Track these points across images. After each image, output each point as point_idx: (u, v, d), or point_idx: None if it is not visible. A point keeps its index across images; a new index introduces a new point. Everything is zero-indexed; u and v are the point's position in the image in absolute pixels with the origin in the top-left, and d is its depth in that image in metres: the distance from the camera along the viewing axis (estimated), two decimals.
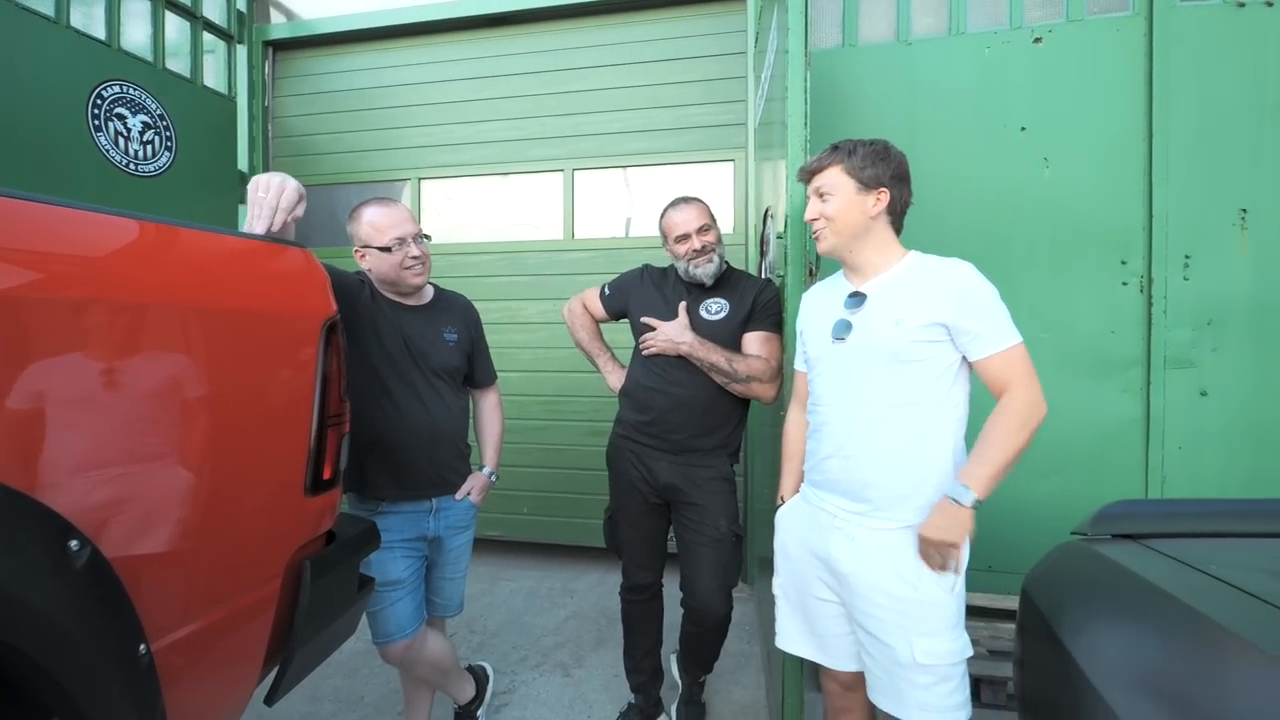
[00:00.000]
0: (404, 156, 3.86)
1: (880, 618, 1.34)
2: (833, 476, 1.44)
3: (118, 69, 3.03)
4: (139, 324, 0.93)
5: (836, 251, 1.46)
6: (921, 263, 1.43)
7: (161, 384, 0.96)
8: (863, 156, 1.41)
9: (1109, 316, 2.35)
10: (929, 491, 1.34)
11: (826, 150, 1.46)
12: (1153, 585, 1.00)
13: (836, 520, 1.43)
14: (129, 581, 0.90)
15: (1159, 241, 2.29)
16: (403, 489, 1.81)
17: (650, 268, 2.16)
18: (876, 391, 1.38)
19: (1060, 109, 2.44)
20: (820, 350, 1.50)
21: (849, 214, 1.42)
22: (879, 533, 1.37)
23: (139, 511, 0.92)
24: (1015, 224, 2.45)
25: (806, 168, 1.49)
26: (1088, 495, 2.35)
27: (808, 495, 1.55)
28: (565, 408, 3.68)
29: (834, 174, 1.43)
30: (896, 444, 1.36)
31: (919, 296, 1.36)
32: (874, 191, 1.41)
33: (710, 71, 3.49)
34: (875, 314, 1.40)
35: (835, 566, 1.42)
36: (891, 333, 1.35)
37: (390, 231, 1.74)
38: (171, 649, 0.98)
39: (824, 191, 1.43)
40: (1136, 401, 2.33)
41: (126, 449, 0.91)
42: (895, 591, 1.33)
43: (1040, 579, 1.29)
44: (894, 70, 2.61)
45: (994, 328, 1.31)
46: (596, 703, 2.37)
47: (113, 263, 0.93)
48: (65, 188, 2.78)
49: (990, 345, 1.31)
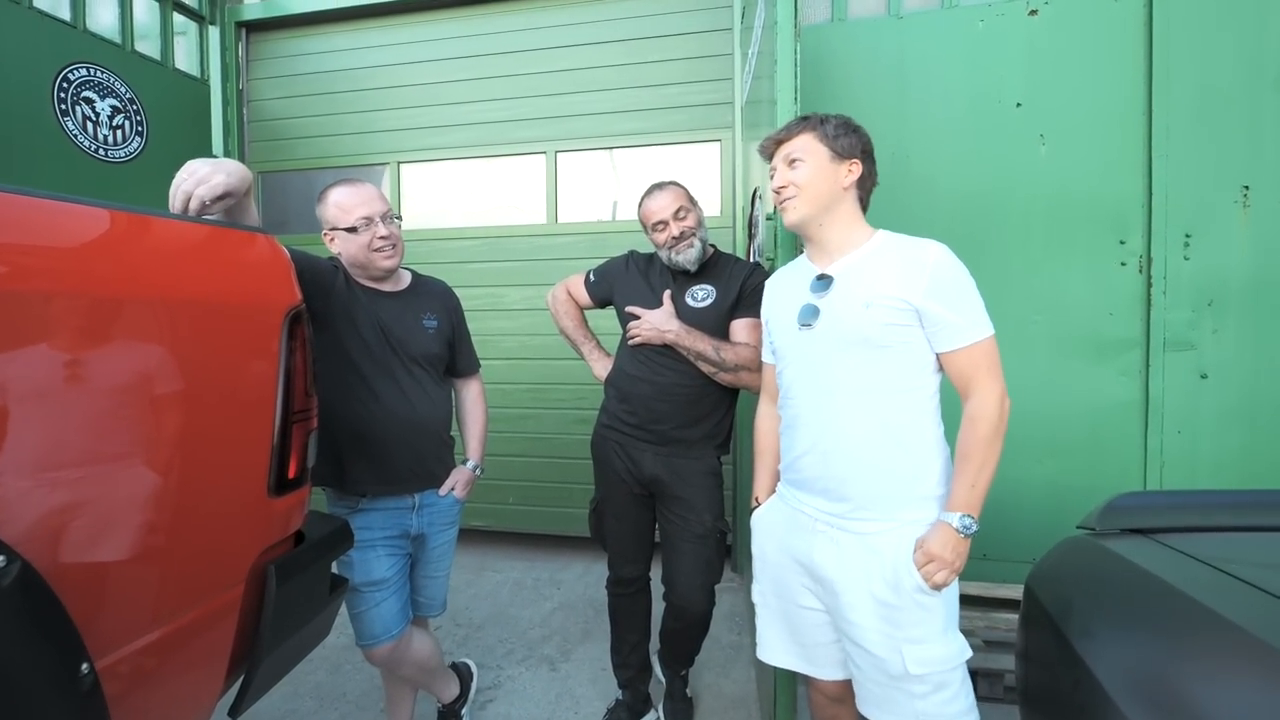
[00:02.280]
0: (382, 140, 3.75)
1: (866, 625, 1.26)
2: (809, 474, 1.36)
3: (84, 51, 2.91)
4: (72, 317, 0.86)
5: (805, 225, 1.37)
6: (892, 242, 1.34)
7: (100, 382, 0.88)
8: (835, 125, 1.35)
9: (1107, 297, 2.30)
10: (911, 486, 1.28)
11: (795, 120, 1.40)
12: (1169, 585, 0.95)
13: (818, 523, 1.34)
14: (68, 596, 0.83)
15: (1159, 220, 2.24)
16: (384, 483, 1.73)
17: (636, 254, 2.09)
18: (848, 380, 1.29)
19: (1057, 84, 2.37)
20: (787, 339, 1.42)
21: (821, 183, 1.33)
22: (863, 536, 1.28)
23: (78, 520, 0.85)
24: (1009, 203, 2.40)
25: (773, 137, 1.40)
26: (1084, 481, 2.32)
27: (785, 495, 1.46)
28: (551, 395, 3.61)
29: (805, 140, 1.35)
30: (873, 436, 1.28)
31: (889, 277, 1.27)
32: (847, 162, 1.34)
33: (696, 49, 3.39)
34: (843, 297, 1.31)
35: (818, 572, 1.34)
36: (862, 316, 1.27)
37: (356, 211, 1.66)
38: (119, 665, 0.91)
39: (794, 158, 1.35)
40: (1135, 384, 2.29)
41: (60, 453, 0.83)
42: (881, 597, 1.25)
43: (1046, 575, 1.24)
44: (885, 46, 2.54)
45: (965, 316, 1.24)
46: (584, 697, 2.33)
47: (39, 251, 0.85)
48: (29, 174, 2.67)
49: (960, 337, 1.24)
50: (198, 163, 1.20)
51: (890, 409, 1.28)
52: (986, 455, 1.22)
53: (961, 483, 1.23)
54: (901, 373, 1.27)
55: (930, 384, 1.29)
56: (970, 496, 1.22)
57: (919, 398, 1.28)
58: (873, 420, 1.28)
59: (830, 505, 1.32)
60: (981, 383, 1.24)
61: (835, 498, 1.31)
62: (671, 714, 2.14)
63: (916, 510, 1.28)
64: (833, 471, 1.31)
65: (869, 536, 1.27)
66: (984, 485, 1.22)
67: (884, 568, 1.25)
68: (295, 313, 1.23)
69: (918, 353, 1.27)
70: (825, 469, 1.32)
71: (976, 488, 1.22)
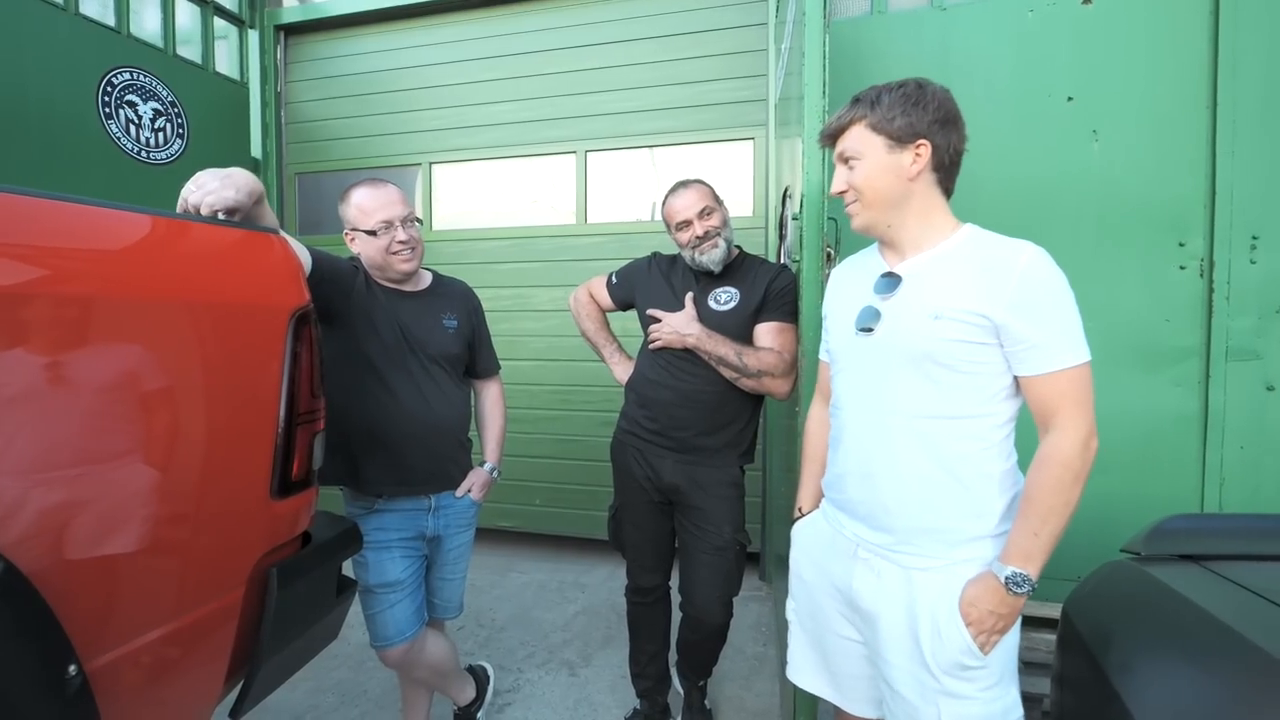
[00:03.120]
0: (415, 141, 3.78)
1: (902, 668, 1.12)
2: (851, 496, 1.22)
3: (128, 56, 3.00)
4: (73, 318, 0.85)
5: (874, 228, 1.19)
6: (978, 240, 1.14)
7: (92, 382, 0.87)
8: (889, 105, 1.12)
9: (1163, 303, 2.16)
10: (967, 524, 1.11)
11: (846, 105, 1.19)
12: (1216, 619, 0.86)
13: (859, 549, 1.20)
14: (55, 597, 0.82)
15: (1222, 221, 2.09)
16: (400, 484, 1.72)
17: (659, 255, 2.04)
18: (904, 400, 1.12)
19: (1111, 77, 2.24)
20: (843, 342, 1.25)
21: (881, 179, 1.14)
22: (908, 570, 1.13)
23: (65, 520, 0.84)
24: (1060, 202, 2.27)
25: (826, 129, 1.23)
26: (1135, 497, 2.18)
27: (827, 514, 1.31)
28: (578, 397, 3.58)
29: (858, 133, 1.16)
30: (927, 466, 1.11)
31: (967, 285, 1.07)
32: (910, 146, 1.12)
33: (729, 45, 3.32)
34: (909, 303, 1.13)
35: (857, 602, 1.20)
36: (927, 329, 1.09)
37: (376, 214, 1.65)
38: (112, 667, 0.91)
39: (848, 155, 1.17)
40: (1192, 396, 2.14)
41: (49, 453, 0.82)
42: (921, 640, 1.10)
43: (1085, 602, 1.14)
44: (927, 39, 2.44)
45: (1056, 337, 1.03)
46: (602, 705, 2.29)
47: (44, 252, 0.85)
48: (74, 177, 2.76)
49: (1046, 360, 1.04)
50: (206, 175, 1.18)
51: (950, 436, 1.10)
52: (1056, 503, 1.02)
53: (1022, 530, 1.04)
54: (968, 397, 1.09)
55: (1003, 411, 1.11)
56: (1030, 547, 1.03)
57: (986, 426, 1.10)
58: (929, 448, 1.11)
59: (872, 534, 1.18)
60: (1065, 417, 1.04)
61: (878, 527, 1.17)
62: None
63: (972, 549, 1.11)
64: (878, 498, 1.16)
65: (914, 572, 1.13)
66: (1050, 538, 1.03)
67: (927, 609, 1.10)
68: (302, 314, 1.21)
69: (991, 376, 1.08)
70: (869, 494, 1.18)
71: (1040, 538, 1.02)
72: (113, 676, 0.91)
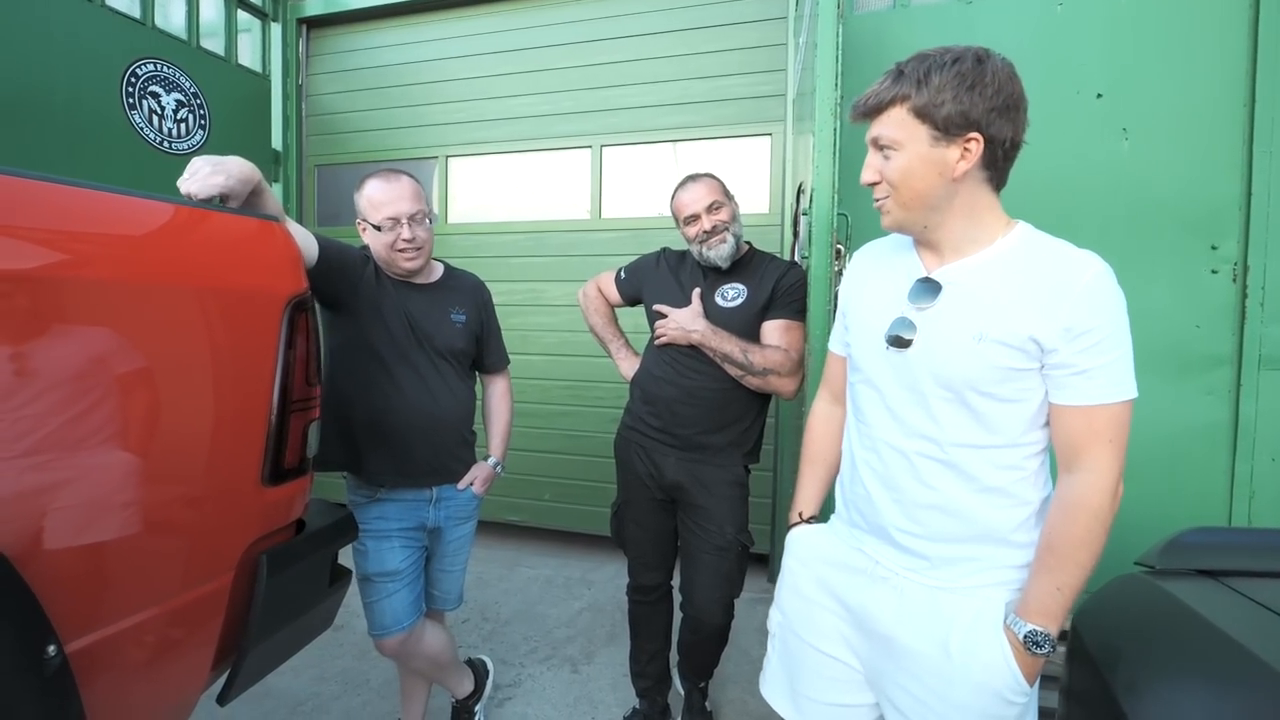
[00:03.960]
0: (432, 134, 3.79)
1: (922, 699, 1.02)
2: (876, 521, 1.10)
3: (152, 47, 3.04)
4: (60, 301, 0.85)
5: (908, 227, 1.05)
6: (1033, 245, 0.99)
7: (75, 364, 0.87)
8: (939, 86, 0.93)
9: (1194, 308, 2.07)
10: (1001, 553, 1.02)
11: (888, 78, 0.99)
12: (1232, 640, 0.81)
13: (880, 568, 1.09)
14: (35, 578, 0.82)
15: (1258, 223, 2.00)
16: (401, 475, 1.72)
17: (668, 250, 2.02)
18: (940, 427, 1.01)
19: (1143, 72, 2.15)
20: (870, 354, 1.10)
21: (921, 177, 0.97)
22: (934, 591, 1.03)
23: (46, 502, 0.84)
24: (1087, 203, 2.19)
25: (862, 104, 1.02)
26: (1160, 509, 2.10)
27: (840, 532, 1.20)
28: (589, 393, 3.56)
29: (899, 116, 0.97)
30: (962, 495, 1.02)
31: (1018, 300, 0.94)
32: (959, 140, 0.94)
33: (748, 39, 3.27)
34: (950, 319, 1.00)
35: (870, 624, 1.09)
36: (969, 352, 0.96)
37: (384, 209, 1.64)
38: (95, 648, 0.90)
39: (884, 143, 0.99)
40: (1223, 405, 2.05)
41: (30, 435, 0.82)
42: (941, 670, 1.00)
43: (1094, 616, 1.09)
44: (951, 32, 2.36)
45: (1110, 368, 0.92)
46: (603, 703, 2.27)
47: (35, 233, 0.84)
48: (99, 166, 2.81)
49: (1092, 393, 0.93)
50: (199, 161, 1.19)
51: (988, 465, 1.00)
52: (1083, 557, 0.93)
53: (1044, 584, 0.94)
54: (1009, 425, 0.99)
55: (1043, 438, 1.01)
56: (1052, 604, 0.93)
57: (1024, 454, 1.00)
58: (965, 477, 1.01)
59: (899, 557, 1.08)
60: (1096, 457, 0.93)
61: (906, 552, 1.07)
62: None
63: (1004, 575, 1.02)
64: (906, 526, 1.06)
65: (941, 594, 1.03)
66: (1073, 593, 0.94)
67: (952, 637, 1.00)
68: (298, 301, 1.20)
69: (1034, 404, 0.98)
70: (898, 519, 1.07)
71: (1063, 593, 0.93)
72: (95, 658, 0.90)
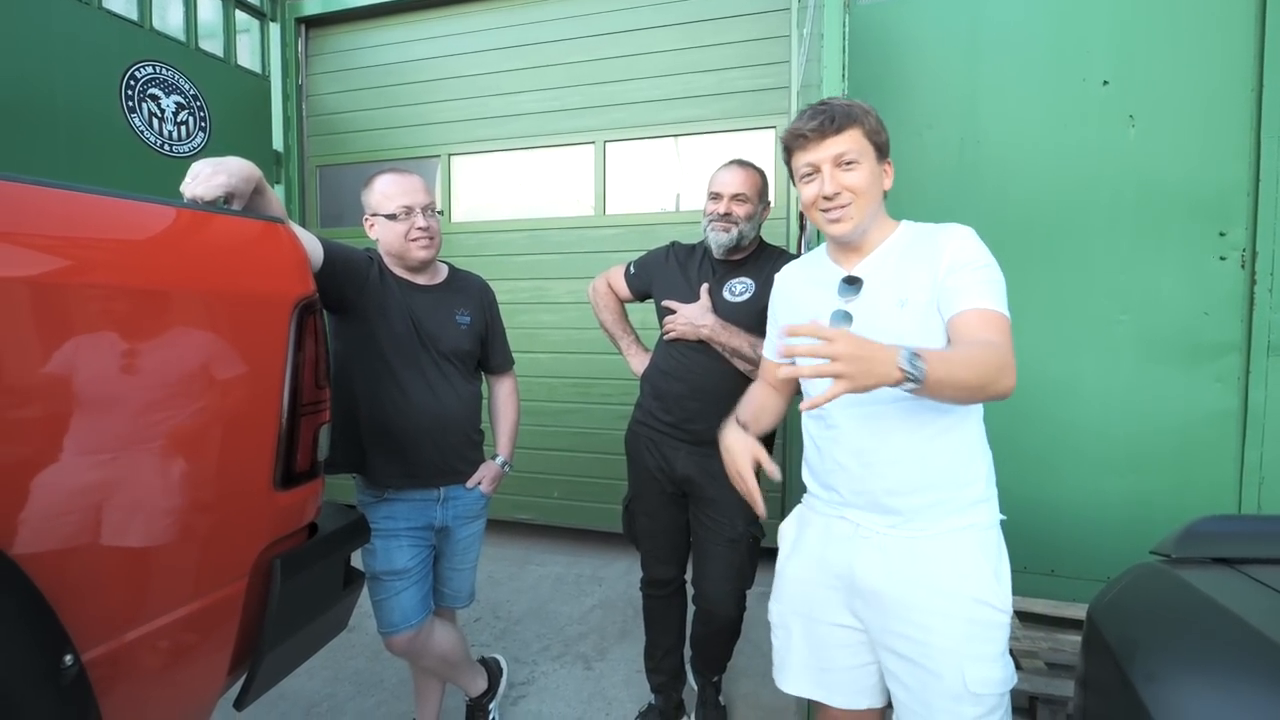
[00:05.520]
0: (434, 132, 3.78)
1: (924, 641, 1.15)
2: (852, 488, 1.24)
3: (151, 50, 3.03)
4: (75, 307, 0.85)
5: (853, 236, 1.23)
6: (917, 230, 1.25)
7: (91, 372, 0.86)
8: (876, 119, 1.21)
9: (1202, 295, 2.06)
10: (959, 492, 1.18)
11: (836, 109, 1.19)
12: (1251, 628, 0.81)
13: (861, 529, 1.23)
14: (50, 587, 0.81)
15: (1266, 209, 1.99)
16: (408, 477, 1.73)
17: (677, 245, 2.01)
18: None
19: (1150, 59, 2.14)
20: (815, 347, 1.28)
21: (873, 189, 1.21)
22: (913, 541, 1.18)
23: (61, 510, 0.84)
24: (1094, 191, 2.18)
25: (816, 129, 1.18)
26: (1169, 497, 2.09)
27: (817, 507, 1.34)
28: (596, 390, 3.56)
29: (856, 137, 1.19)
30: (920, 444, 1.17)
31: (918, 269, 1.18)
32: (885, 163, 1.24)
33: (751, 31, 3.25)
34: (876, 298, 1.20)
35: (862, 585, 1.22)
36: (898, 316, 1.16)
37: (398, 199, 1.66)
38: (111, 656, 0.91)
39: (849, 159, 1.19)
40: (1231, 392, 2.04)
41: (46, 442, 0.82)
42: (939, 608, 1.14)
43: (1110, 606, 1.08)
44: (957, 21, 2.35)
45: (989, 284, 1.13)
46: (616, 699, 2.27)
47: (45, 240, 0.84)
48: (99, 170, 2.81)
49: (981, 299, 1.11)
50: (200, 164, 1.19)
51: (934, 411, 1.16)
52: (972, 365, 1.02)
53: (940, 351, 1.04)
54: None
55: None
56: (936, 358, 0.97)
57: None
58: (918, 428, 1.17)
59: (877, 518, 1.21)
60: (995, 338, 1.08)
61: (883, 511, 1.20)
62: None
63: (965, 517, 1.18)
64: (875, 485, 1.20)
65: (919, 542, 1.18)
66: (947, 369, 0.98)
67: (939, 577, 1.16)
68: (306, 304, 1.20)
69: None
70: (871, 482, 1.21)
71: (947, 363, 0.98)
72: (112, 666, 0.91)
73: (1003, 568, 1.20)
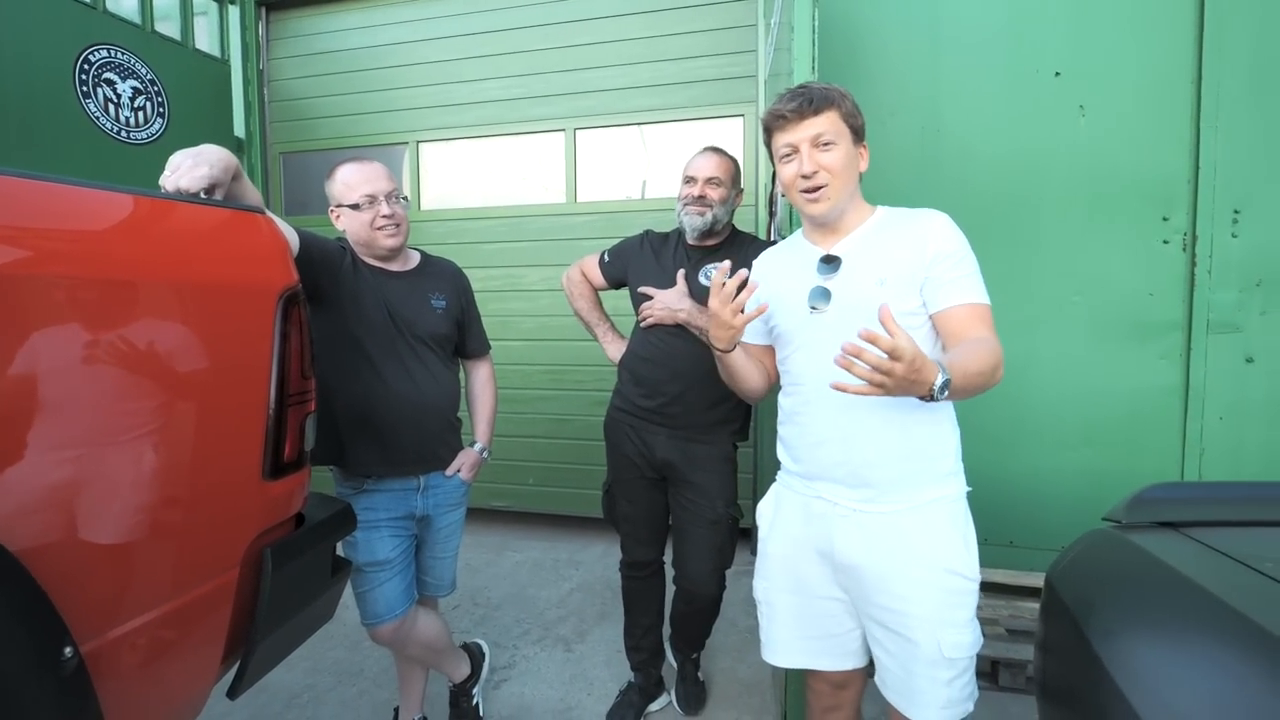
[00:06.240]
0: (401, 119, 3.73)
1: (902, 610, 1.22)
2: (827, 463, 1.29)
3: (105, 33, 2.92)
4: (57, 300, 0.84)
5: (830, 216, 1.29)
6: (895, 213, 1.31)
7: (80, 364, 0.87)
8: (852, 103, 1.26)
9: (1148, 277, 2.18)
10: (931, 464, 1.25)
11: (814, 92, 1.24)
12: (1194, 584, 0.88)
13: (839, 508, 1.27)
14: (48, 580, 0.82)
15: (1205, 195, 2.10)
16: (389, 465, 1.73)
17: (651, 233, 2.05)
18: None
19: (1099, 52, 2.23)
20: (796, 322, 1.33)
21: (850, 169, 1.26)
22: (888, 516, 1.23)
23: (56, 503, 0.84)
24: (1047, 178, 2.27)
25: (795, 110, 1.23)
26: (1119, 469, 2.22)
27: (793, 485, 1.38)
28: (570, 377, 3.59)
29: (833, 119, 1.24)
30: (894, 418, 1.22)
31: (898, 251, 1.24)
32: (861, 145, 1.29)
33: (719, 20, 3.28)
34: (855, 276, 1.26)
35: (841, 559, 1.27)
36: (877, 294, 1.20)
37: (361, 188, 1.66)
38: (109, 648, 0.91)
39: (827, 140, 1.23)
40: (1175, 368, 2.17)
41: (37, 436, 0.82)
42: (916, 578, 1.21)
43: (1067, 570, 1.16)
44: (918, 12, 2.41)
45: (973, 278, 1.21)
46: (597, 679, 2.33)
47: (24, 232, 0.84)
48: (54, 157, 2.71)
49: (969, 294, 1.20)
50: (178, 156, 1.17)
51: None
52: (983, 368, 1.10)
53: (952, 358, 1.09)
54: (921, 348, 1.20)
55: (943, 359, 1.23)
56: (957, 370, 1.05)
57: None
58: (898, 402, 1.18)
59: (853, 493, 1.26)
60: (987, 334, 1.18)
61: (857, 484, 1.25)
62: (683, 698, 2.13)
63: (937, 489, 1.25)
64: (855, 458, 1.25)
65: (894, 516, 1.23)
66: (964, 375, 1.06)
67: (913, 548, 1.22)
68: (290, 294, 1.20)
69: (928, 328, 1.24)
70: (846, 456, 1.26)
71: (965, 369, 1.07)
72: (110, 658, 0.91)
73: (970, 537, 1.26)
